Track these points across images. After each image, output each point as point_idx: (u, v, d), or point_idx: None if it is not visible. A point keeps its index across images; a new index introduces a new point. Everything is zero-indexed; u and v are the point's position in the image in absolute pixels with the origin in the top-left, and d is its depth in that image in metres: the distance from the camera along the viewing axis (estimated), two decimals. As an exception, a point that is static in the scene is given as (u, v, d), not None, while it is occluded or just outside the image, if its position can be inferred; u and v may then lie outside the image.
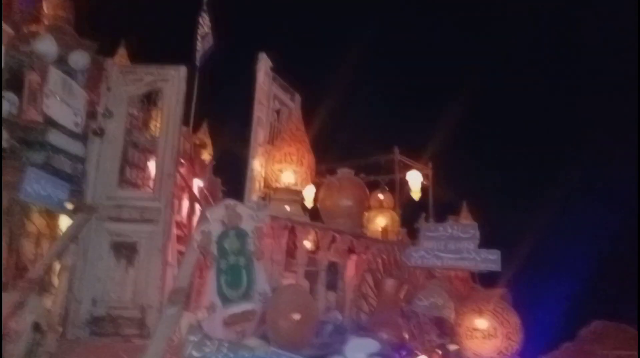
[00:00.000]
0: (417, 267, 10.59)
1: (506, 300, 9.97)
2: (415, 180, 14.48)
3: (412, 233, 13.05)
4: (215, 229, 8.88)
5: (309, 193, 12.12)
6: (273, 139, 11.81)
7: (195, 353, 6.48)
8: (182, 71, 10.07)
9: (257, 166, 10.76)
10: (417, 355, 10.17)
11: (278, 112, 12.18)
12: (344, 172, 12.15)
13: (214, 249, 8.80)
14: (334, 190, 11.82)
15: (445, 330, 10.41)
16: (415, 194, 14.47)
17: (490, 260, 9.38)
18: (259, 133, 11.01)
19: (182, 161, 11.73)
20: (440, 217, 13.42)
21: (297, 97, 12.69)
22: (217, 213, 8.96)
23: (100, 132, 9.65)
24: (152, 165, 10.51)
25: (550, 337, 12.80)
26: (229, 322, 8.88)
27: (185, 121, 11.55)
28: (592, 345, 11.44)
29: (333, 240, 10.90)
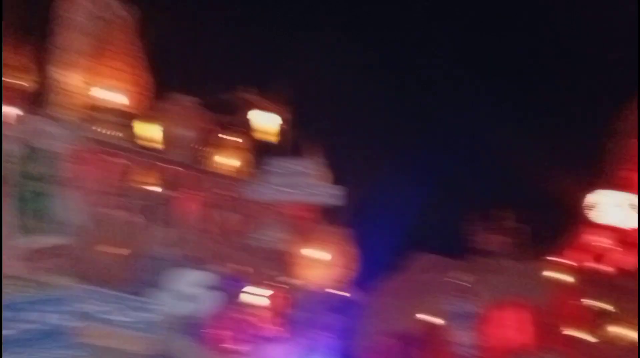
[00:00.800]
0: (261, 202, 9.88)
1: (347, 235, 9.80)
2: (269, 122, 13.40)
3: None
4: (16, 148, 7.08)
5: (143, 118, 10.49)
6: (100, 53, 9.87)
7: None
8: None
9: (76, 80, 8.88)
10: (257, 288, 9.63)
11: (107, 23, 10.14)
12: (185, 100, 10.64)
13: (13, 172, 7.03)
14: (173, 118, 10.36)
15: (288, 264, 10.02)
16: (270, 136, 13.44)
17: (333, 194, 9.05)
18: (72, 38, 9.02)
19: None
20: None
21: (134, 11, 10.74)
22: (18, 128, 7.13)
23: None
24: None
25: (384, 270, 13.23)
26: (33, 258, 7.31)
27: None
28: (416, 273, 12.07)
29: (171, 172, 9.60)
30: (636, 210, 15.36)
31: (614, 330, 11.57)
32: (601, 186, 16.21)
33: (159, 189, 9.80)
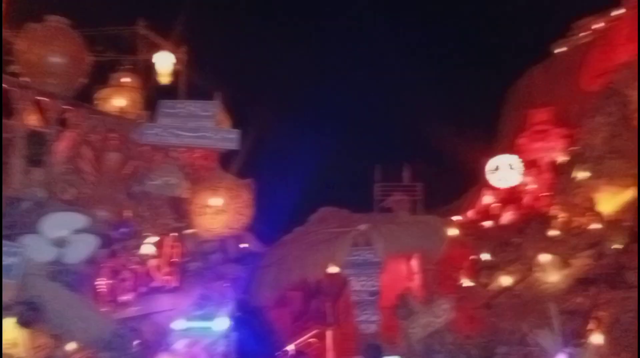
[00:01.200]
0: (151, 145, 8.80)
1: (244, 182, 9.10)
2: (164, 62, 11.96)
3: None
4: None
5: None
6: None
7: None
8: None
9: None
10: (146, 236, 8.68)
11: None
12: (54, 20, 8.90)
13: None
14: (40, 41, 8.69)
15: (180, 211, 9.12)
16: (164, 77, 12.04)
17: (229, 138, 8.21)
18: None
19: None
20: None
21: None
22: None
23: None
24: None
25: (285, 221, 12.79)
26: None
27: None
28: (317, 225, 11.80)
29: (37, 104, 8.17)
30: (518, 170, 16.45)
31: (491, 276, 12.33)
32: (496, 152, 17.13)
33: (34, 126, 8.41)
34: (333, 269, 10.61)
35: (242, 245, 10.98)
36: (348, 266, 9.75)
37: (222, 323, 8.78)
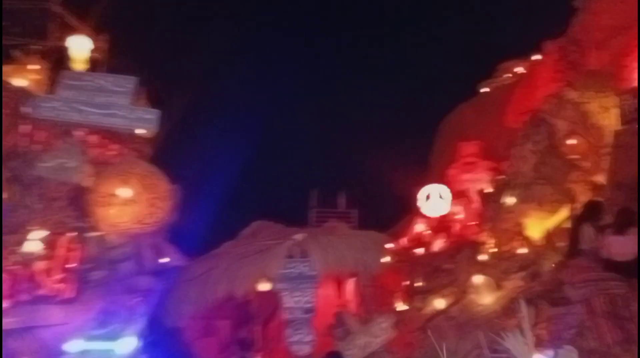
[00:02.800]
0: (46, 120, 7.17)
1: (162, 173, 7.66)
2: (79, 47, 10.31)
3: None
4: None
5: None
6: None
7: None
8: None
9: None
10: (32, 230, 6.91)
11: None
12: None
13: None
14: None
15: (80, 202, 7.40)
16: (78, 64, 10.33)
17: (146, 119, 6.83)
18: None
19: None
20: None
21: None
22: None
23: None
24: None
25: (214, 237, 11.38)
26: None
27: None
28: (249, 240, 10.53)
29: None
30: (447, 200, 16.35)
31: (425, 300, 11.84)
32: (428, 181, 17.02)
33: None
34: (264, 286, 9.31)
35: (161, 259, 9.42)
36: (281, 280, 8.50)
37: (128, 344, 7.11)
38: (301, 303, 8.33)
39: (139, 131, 7.09)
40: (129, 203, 6.91)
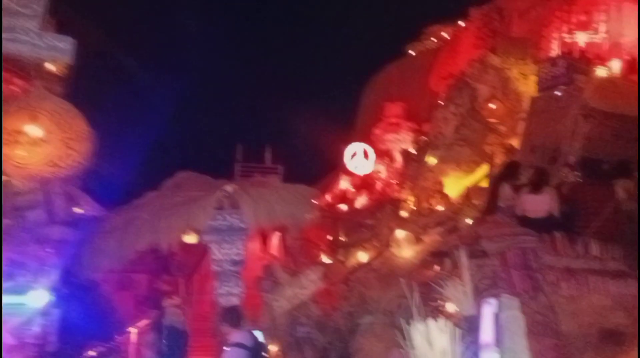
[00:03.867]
0: None
1: (74, 109, 6.74)
2: None
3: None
4: None
5: None
6: None
7: None
8: None
9: None
10: None
11: None
12: None
13: None
14: None
15: None
16: None
17: (58, 48, 5.84)
18: None
19: None
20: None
21: None
22: None
23: None
24: None
25: (135, 188, 10.53)
26: None
27: None
28: (173, 191, 9.88)
29: None
30: (371, 159, 16.63)
31: (348, 254, 12.07)
32: (353, 139, 17.09)
33: None
34: (190, 238, 8.82)
35: (76, 209, 8.52)
36: (209, 232, 8.05)
37: (39, 298, 6.42)
38: (230, 255, 8.00)
39: (49, 65, 6.07)
40: (39, 143, 6.01)
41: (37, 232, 6.74)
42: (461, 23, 17.30)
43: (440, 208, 12.37)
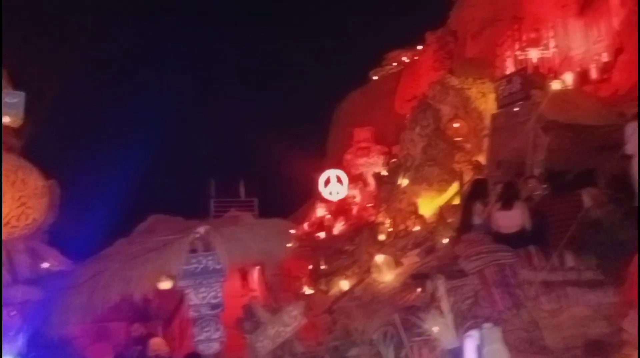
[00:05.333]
0: None
1: (32, 167, 6.41)
2: None
3: None
4: None
5: None
6: None
7: None
8: None
9: None
10: None
11: None
12: None
13: None
14: None
15: None
16: None
17: (8, 103, 5.57)
18: None
19: None
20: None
21: None
22: None
23: None
24: None
25: (105, 237, 10.07)
26: None
27: None
28: (145, 236, 9.47)
29: None
30: (344, 184, 16.58)
31: (329, 283, 11.83)
32: (325, 167, 17.03)
33: None
34: (165, 285, 8.40)
35: (40, 265, 8.06)
36: (184, 277, 7.66)
37: (5, 367, 5.92)
38: (208, 298, 7.61)
39: (4, 118, 5.79)
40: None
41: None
42: (419, 47, 17.68)
43: (416, 228, 12.30)
